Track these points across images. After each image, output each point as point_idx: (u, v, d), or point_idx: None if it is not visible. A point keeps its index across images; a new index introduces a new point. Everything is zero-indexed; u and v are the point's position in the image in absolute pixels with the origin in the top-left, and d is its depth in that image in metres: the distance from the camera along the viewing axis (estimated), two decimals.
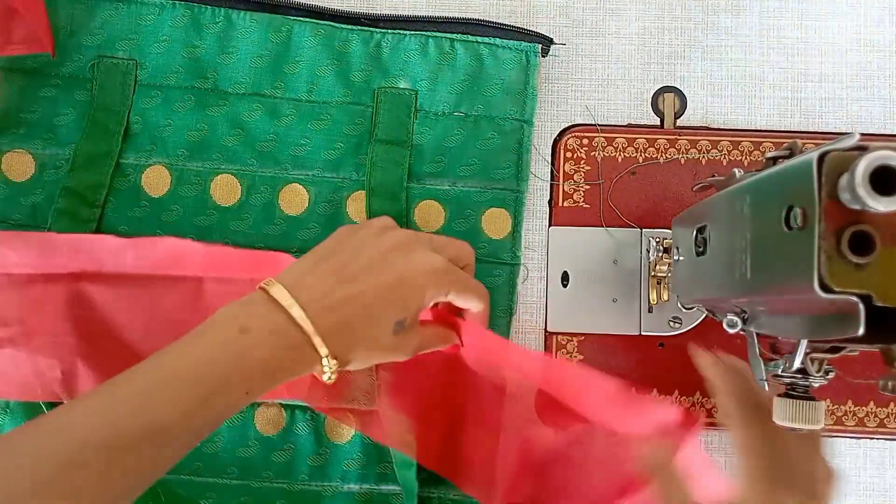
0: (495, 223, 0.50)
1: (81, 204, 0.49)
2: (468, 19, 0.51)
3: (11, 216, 0.49)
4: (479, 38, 0.51)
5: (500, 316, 0.49)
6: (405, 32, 0.51)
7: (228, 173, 0.50)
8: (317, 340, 0.36)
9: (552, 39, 0.51)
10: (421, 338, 0.42)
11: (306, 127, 0.50)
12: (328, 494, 0.48)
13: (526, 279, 0.50)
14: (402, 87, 0.51)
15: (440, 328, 0.44)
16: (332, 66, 0.51)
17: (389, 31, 0.51)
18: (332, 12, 0.51)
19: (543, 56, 0.51)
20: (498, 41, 0.51)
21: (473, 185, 0.50)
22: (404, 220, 0.49)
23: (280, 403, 0.48)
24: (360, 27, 0.51)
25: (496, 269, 0.50)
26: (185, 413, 0.33)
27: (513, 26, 0.51)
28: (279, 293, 0.37)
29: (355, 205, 0.50)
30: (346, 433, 0.48)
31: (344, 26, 0.51)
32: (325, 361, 0.37)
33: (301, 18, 0.51)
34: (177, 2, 0.51)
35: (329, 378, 0.38)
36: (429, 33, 0.51)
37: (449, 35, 0.51)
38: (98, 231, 0.49)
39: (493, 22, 0.51)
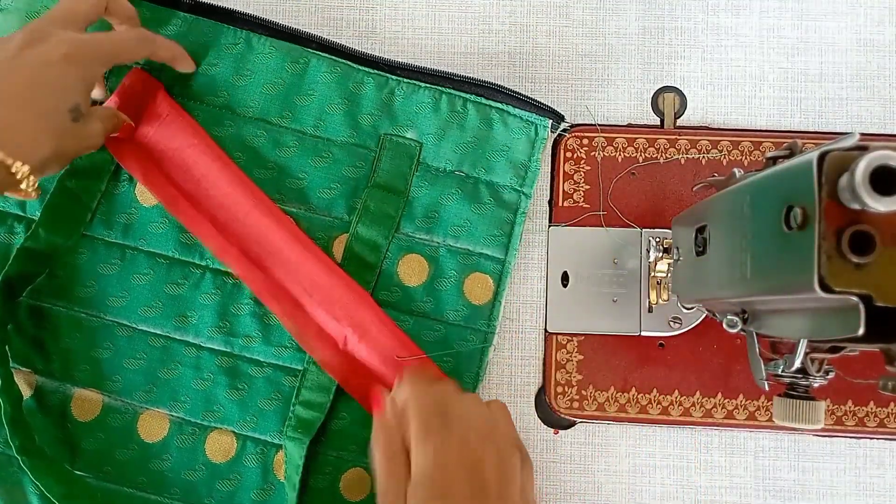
0: (477, 289, 0.49)
1: (75, 205, 0.49)
2: (485, 82, 0.50)
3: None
4: (492, 102, 0.50)
5: (467, 383, 0.48)
6: (420, 84, 0.51)
7: None
8: None
9: (563, 116, 0.51)
10: (100, 121, 0.45)
11: (307, 162, 0.50)
12: None
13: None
14: (408, 136, 0.50)
15: (109, 110, 0.47)
16: (342, 104, 0.50)
17: (405, 79, 0.51)
18: (352, 52, 0.51)
19: (553, 132, 0.51)
20: (510, 109, 0.50)
21: (462, 246, 0.50)
22: (379, 268, 0.49)
23: (234, 432, 0.48)
24: (376, 71, 0.51)
25: (470, 335, 0.49)
26: None
27: (528, 97, 0.50)
28: None
29: (340, 246, 0.49)
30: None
31: (361, 68, 0.51)
32: (15, 167, 0.39)
33: (320, 53, 0.51)
34: (199, 17, 0.51)
35: (29, 187, 0.40)
36: (443, 89, 0.51)
37: (463, 94, 0.51)
38: (84, 234, 0.49)
39: (509, 89, 0.50)
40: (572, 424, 0.50)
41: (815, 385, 0.33)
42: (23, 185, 0.40)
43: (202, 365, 0.48)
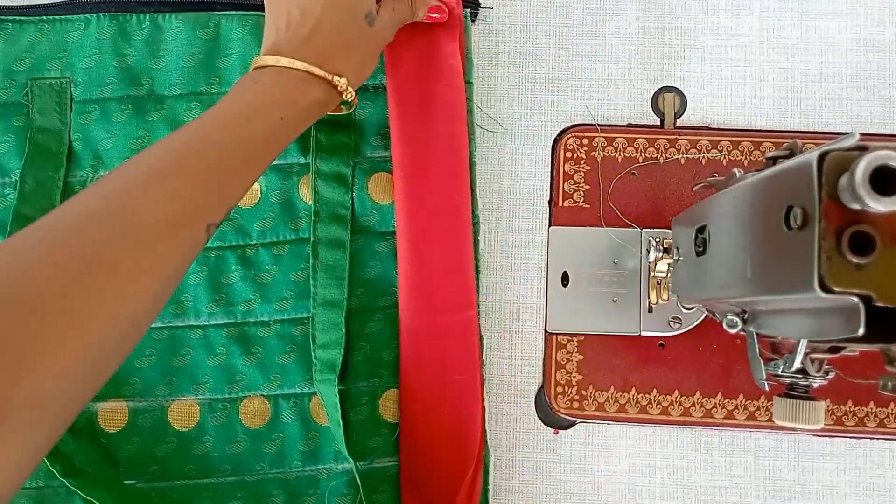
0: None
1: (43, 196, 0.48)
2: None
3: None
4: None
5: None
6: None
7: None
8: (314, 70, 0.40)
9: (479, 3, 0.51)
10: (390, 14, 0.45)
11: None
12: (324, 477, 0.48)
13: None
14: None
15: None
16: None
17: None
18: (258, 2, 0.50)
19: (472, 21, 0.51)
20: None
21: None
22: (351, 198, 0.50)
23: (263, 395, 0.48)
24: None
25: None
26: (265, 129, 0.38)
27: None
28: (263, 61, 0.40)
29: (307, 188, 0.50)
30: None
31: None
32: (336, 80, 0.41)
33: (227, 12, 0.51)
34: (101, 14, 0.51)
35: (350, 97, 0.42)
36: None
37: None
38: None
39: None
40: (572, 424, 0.50)
41: (815, 385, 0.33)
42: (346, 97, 0.42)
43: (211, 342, 0.49)
